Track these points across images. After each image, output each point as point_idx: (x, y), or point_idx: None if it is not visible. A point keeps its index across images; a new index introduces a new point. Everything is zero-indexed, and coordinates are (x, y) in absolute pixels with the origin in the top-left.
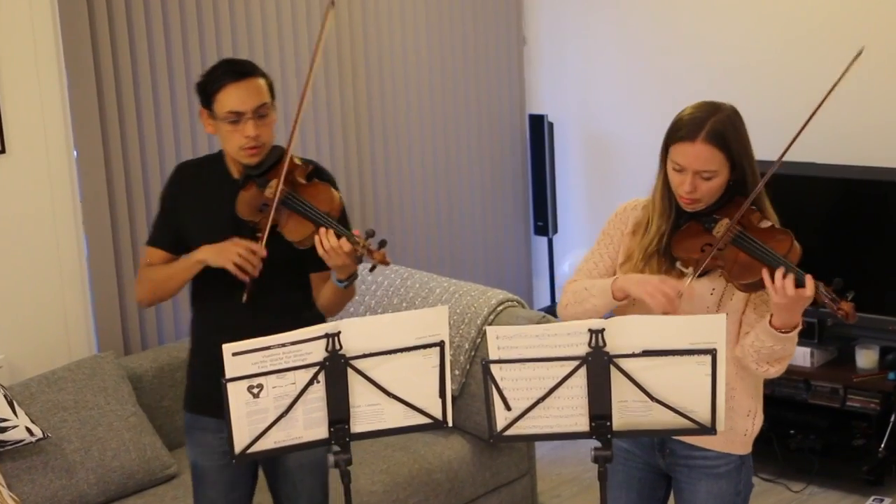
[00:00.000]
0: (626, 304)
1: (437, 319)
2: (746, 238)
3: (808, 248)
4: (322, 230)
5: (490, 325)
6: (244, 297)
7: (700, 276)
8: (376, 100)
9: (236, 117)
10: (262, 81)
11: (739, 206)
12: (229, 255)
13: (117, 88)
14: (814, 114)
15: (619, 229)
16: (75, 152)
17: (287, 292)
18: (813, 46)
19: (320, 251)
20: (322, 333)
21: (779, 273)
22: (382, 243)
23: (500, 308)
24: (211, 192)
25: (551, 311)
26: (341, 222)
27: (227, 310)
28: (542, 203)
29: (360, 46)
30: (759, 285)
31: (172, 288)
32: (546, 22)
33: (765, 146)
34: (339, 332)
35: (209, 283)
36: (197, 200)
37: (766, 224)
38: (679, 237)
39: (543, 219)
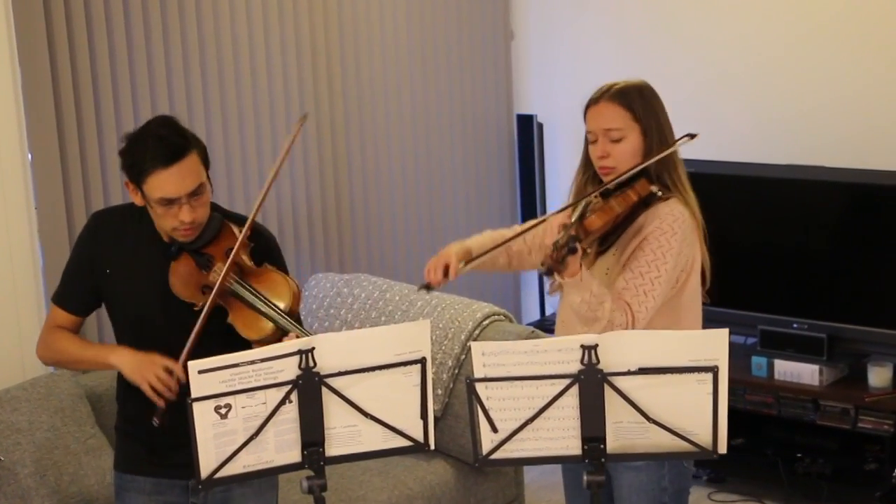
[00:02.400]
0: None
1: (419, 334)
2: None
3: (817, 257)
4: (291, 335)
5: (475, 340)
6: (156, 421)
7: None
8: (353, 98)
9: (169, 204)
10: (195, 157)
11: (643, 185)
12: (146, 374)
13: (75, 88)
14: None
15: None
16: (30, 156)
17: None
18: (819, 44)
19: None
20: (295, 349)
21: None
22: None
23: (486, 322)
24: (137, 252)
25: (541, 325)
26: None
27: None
28: (531, 209)
29: (336, 40)
30: None
31: (77, 369)
32: (535, 15)
33: (768, 147)
34: (313, 349)
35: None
36: (122, 261)
37: None
38: None
39: None
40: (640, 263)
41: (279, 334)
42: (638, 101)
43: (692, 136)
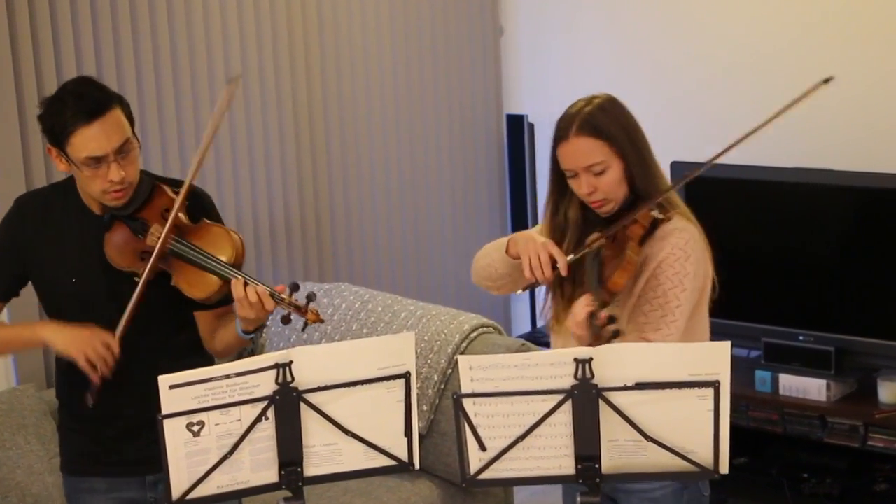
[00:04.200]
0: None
1: (403, 347)
2: None
3: (825, 265)
4: (234, 282)
5: (462, 353)
6: (89, 400)
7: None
8: (332, 96)
9: (96, 163)
10: (118, 112)
11: (646, 215)
12: (83, 347)
13: (39, 89)
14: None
15: None
16: None
17: (170, 336)
18: (827, 39)
19: (237, 302)
20: (272, 363)
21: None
22: (311, 297)
23: (474, 334)
24: (67, 230)
25: (532, 337)
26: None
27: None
28: (521, 214)
29: (315, 35)
30: None
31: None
32: (526, 9)
33: (773, 149)
34: (291, 362)
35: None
36: (51, 240)
37: None
38: None
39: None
40: (657, 294)
41: (226, 288)
42: (608, 125)
43: (827, 81)
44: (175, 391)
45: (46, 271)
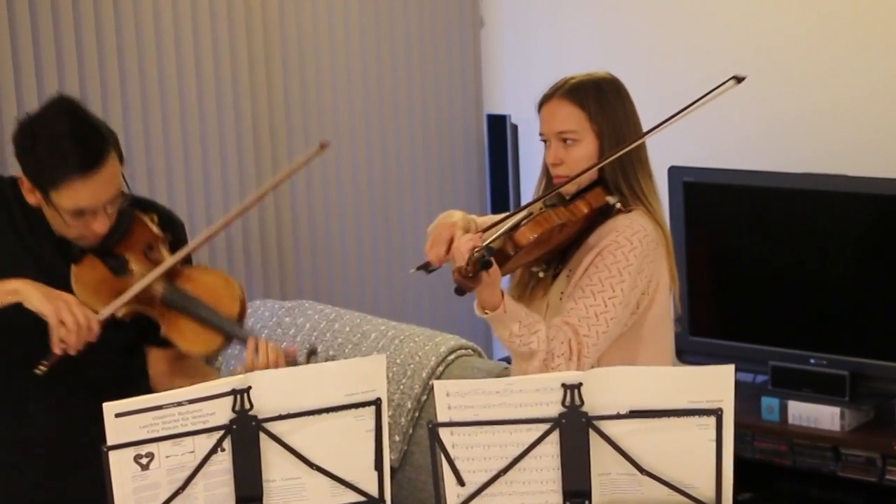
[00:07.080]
0: None
1: (373, 372)
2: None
3: (838, 281)
4: (249, 345)
5: (439, 378)
6: (41, 369)
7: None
8: (295, 93)
9: (82, 214)
10: (114, 158)
11: (598, 194)
12: (60, 310)
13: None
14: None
15: None
16: None
17: (120, 367)
18: (839, 34)
19: (245, 366)
20: (228, 389)
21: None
22: (313, 350)
23: (452, 357)
24: (22, 245)
25: None
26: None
27: (25, 379)
28: None
29: (275, 23)
30: None
31: None
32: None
33: (780, 153)
34: (250, 388)
35: (4, 338)
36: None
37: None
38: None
39: None
40: (592, 282)
41: (228, 345)
42: (593, 97)
43: (739, 80)
44: (122, 419)
45: None
